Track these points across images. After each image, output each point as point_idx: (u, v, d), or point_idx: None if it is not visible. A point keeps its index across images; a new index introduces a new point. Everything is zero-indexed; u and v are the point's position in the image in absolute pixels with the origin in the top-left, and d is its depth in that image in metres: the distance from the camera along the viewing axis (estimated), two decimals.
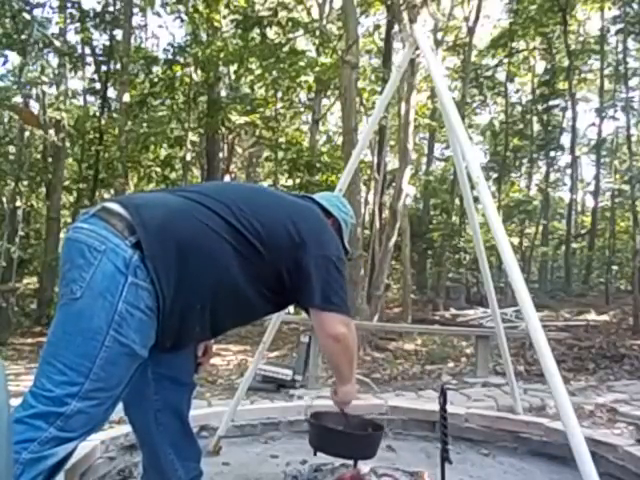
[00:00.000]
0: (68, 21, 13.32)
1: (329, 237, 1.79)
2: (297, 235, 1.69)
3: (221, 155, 13.78)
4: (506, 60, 18.38)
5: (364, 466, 2.20)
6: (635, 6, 13.54)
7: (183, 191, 1.73)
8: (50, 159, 14.19)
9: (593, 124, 20.18)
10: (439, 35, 17.72)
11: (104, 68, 13.28)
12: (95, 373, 1.46)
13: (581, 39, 18.32)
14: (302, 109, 16.17)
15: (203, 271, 1.58)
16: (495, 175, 18.20)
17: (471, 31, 15.90)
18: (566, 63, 17.23)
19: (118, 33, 12.51)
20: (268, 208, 1.71)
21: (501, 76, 19.26)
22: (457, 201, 16.28)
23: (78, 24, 12.81)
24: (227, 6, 12.20)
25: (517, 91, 20.64)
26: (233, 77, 13.50)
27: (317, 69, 11.15)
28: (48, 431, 1.43)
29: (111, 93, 13.70)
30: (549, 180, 20.34)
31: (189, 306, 1.58)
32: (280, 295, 1.77)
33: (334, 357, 1.85)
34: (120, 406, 1.73)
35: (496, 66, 19.07)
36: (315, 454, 2.20)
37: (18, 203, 13.24)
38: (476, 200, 2.93)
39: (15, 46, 11.79)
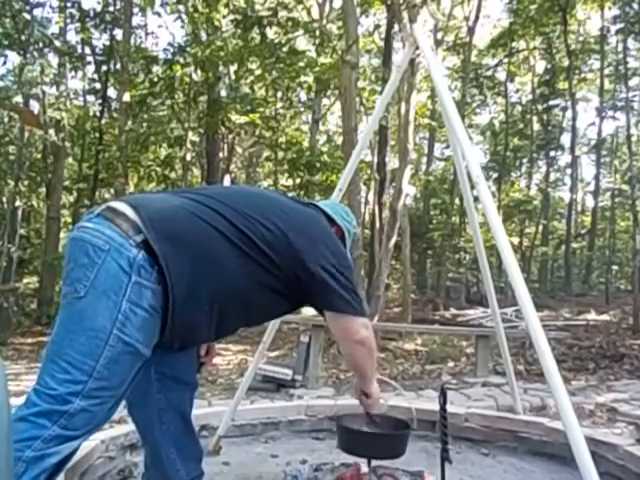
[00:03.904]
0: (68, 21, 13.34)
1: (335, 245, 1.80)
2: (304, 243, 1.69)
3: (221, 155, 13.77)
4: (506, 60, 18.40)
5: (364, 466, 2.20)
6: (635, 6, 13.56)
7: (189, 193, 1.73)
8: (50, 159, 14.20)
9: (593, 124, 20.24)
10: (439, 35, 17.73)
11: (104, 68, 13.29)
12: (99, 372, 1.46)
13: (581, 39, 18.33)
14: (302, 109, 16.18)
15: (211, 272, 1.58)
16: (495, 175, 18.21)
17: (471, 31, 15.92)
18: (566, 63, 17.24)
19: (118, 33, 12.54)
20: (275, 215, 1.71)
21: (501, 76, 19.28)
22: (457, 201, 16.28)
23: (78, 24, 12.83)
24: (227, 6, 12.20)
25: (517, 91, 20.65)
26: (233, 77, 13.49)
27: (317, 69, 11.15)
28: (51, 429, 1.43)
29: (111, 93, 13.73)
30: (549, 180, 20.34)
31: (199, 307, 1.58)
32: (295, 296, 1.77)
33: (361, 361, 1.86)
34: (120, 406, 1.73)
35: (496, 66, 19.08)
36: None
37: (18, 203, 13.26)
38: (476, 200, 2.93)
39: (15, 46, 11.80)
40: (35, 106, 13.94)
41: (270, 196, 1.97)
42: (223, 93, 13.38)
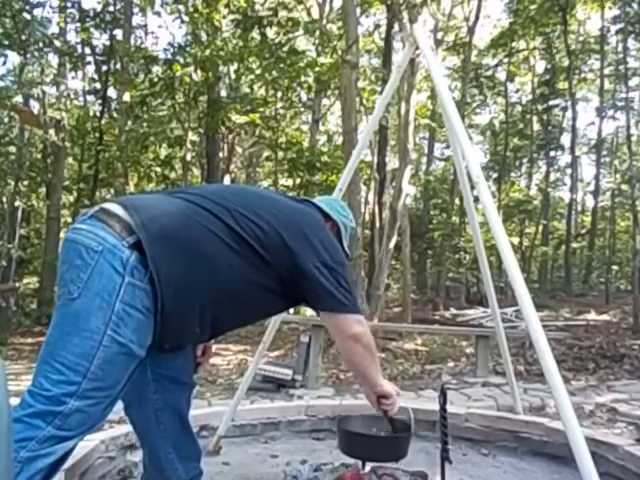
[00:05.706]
0: (68, 21, 13.34)
1: (328, 241, 1.79)
2: (296, 240, 1.69)
3: (221, 155, 13.77)
4: (506, 60, 18.39)
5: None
6: (635, 6, 13.54)
7: (183, 193, 1.73)
8: (50, 159, 14.20)
9: (593, 124, 20.23)
10: (439, 35, 17.76)
11: (104, 68, 13.28)
12: (93, 372, 1.46)
13: (581, 39, 18.32)
14: (302, 109, 16.17)
15: (203, 273, 1.58)
16: (495, 175, 18.21)
17: (471, 31, 15.91)
18: (566, 63, 17.23)
19: (118, 33, 12.54)
20: (268, 212, 1.71)
21: (501, 76, 19.27)
22: (457, 201, 16.28)
23: (78, 24, 12.83)
24: (227, 6, 12.20)
25: (517, 91, 20.64)
26: (233, 77, 13.49)
27: (317, 69, 11.15)
28: (46, 430, 1.43)
29: (111, 93, 13.72)
30: (549, 180, 20.32)
31: (189, 308, 1.58)
32: (288, 295, 1.76)
33: (356, 358, 1.82)
34: (120, 406, 1.73)
35: (496, 66, 19.07)
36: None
37: (18, 203, 13.24)
38: (476, 200, 2.93)
39: (15, 46, 11.79)
40: (35, 106, 13.94)
41: (264, 194, 1.97)
42: (223, 93, 13.38)
